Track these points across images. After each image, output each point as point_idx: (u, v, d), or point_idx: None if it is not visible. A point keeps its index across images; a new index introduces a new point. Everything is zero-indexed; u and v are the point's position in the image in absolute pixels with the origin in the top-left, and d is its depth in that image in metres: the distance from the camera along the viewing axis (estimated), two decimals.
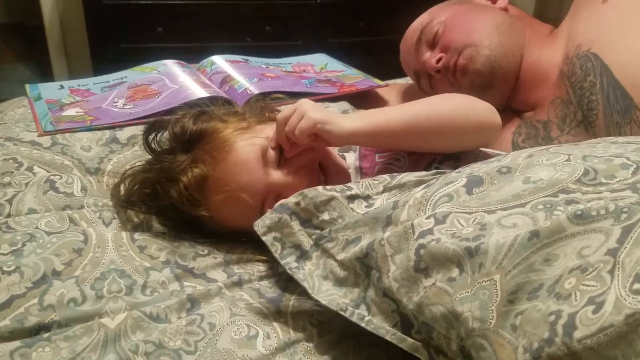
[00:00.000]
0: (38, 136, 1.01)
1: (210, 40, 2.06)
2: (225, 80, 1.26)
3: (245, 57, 1.42)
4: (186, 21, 2.25)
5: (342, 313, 0.65)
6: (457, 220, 0.59)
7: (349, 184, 0.75)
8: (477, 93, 1.07)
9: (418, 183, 0.72)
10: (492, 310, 0.52)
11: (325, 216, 0.72)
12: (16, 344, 0.65)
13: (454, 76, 1.08)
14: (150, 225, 0.87)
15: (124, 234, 0.82)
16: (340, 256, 0.68)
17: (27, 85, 1.26)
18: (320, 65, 1.43)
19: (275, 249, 0.72)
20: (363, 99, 1.24)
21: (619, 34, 0.92)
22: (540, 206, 0.56)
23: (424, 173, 0.74)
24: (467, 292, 0.54)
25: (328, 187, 0.73)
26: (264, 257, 0.82)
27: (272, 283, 0.78)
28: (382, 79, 1.34)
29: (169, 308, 0.71)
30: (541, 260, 0.52)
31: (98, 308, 0.70)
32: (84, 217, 0.83)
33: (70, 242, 0.77)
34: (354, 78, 1.33)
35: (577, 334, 0.45)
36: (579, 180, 0.58)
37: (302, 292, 0.74)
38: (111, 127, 1.06)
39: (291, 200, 0.73)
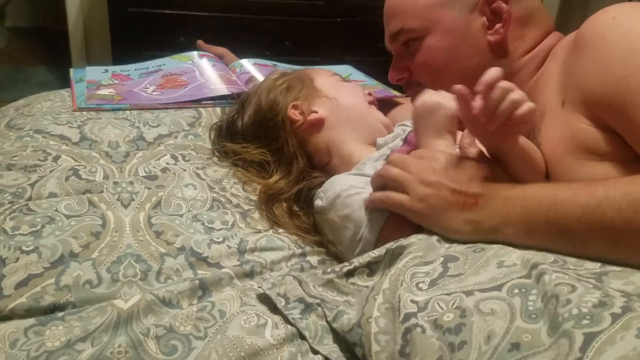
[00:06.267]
0: (72, 112, 1.09)
1: (231, 52, 2.09)
2: (251, 79, 1.33)
3: (274, 62, 1.48)
4: (208, 32, 2.27)
5: None
6: (437, 304, 0.62)
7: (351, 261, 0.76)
8: None
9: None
10: None
11: (328, 297, 0.74)
12: (31, 321, 0.66)
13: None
14: (169, 202, 0.88)
15: (141, 216, 0.83)
16: (334, 324, 0.70)
17: (71, 70, 1.33)
18: (344, 75, 1.47)
19: (279, 302, 0.72)
20: (381, 107, 1.25)
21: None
22: (516, 290, 0.59)
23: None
24: None
25: (329, 269, 0.76)
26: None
27: (283, 274, 0.79)
28: None
29: (181, 294, 0.72)
30: None
31: (113, 291, 0.71)
32: (103, 200, 0.84)
33: (89, 225, 0.79)
34: (373, 88, 1.36)
35: None
36: (550, 263, 0.62)
37: None
38: (133, 109, 1.14)
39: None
